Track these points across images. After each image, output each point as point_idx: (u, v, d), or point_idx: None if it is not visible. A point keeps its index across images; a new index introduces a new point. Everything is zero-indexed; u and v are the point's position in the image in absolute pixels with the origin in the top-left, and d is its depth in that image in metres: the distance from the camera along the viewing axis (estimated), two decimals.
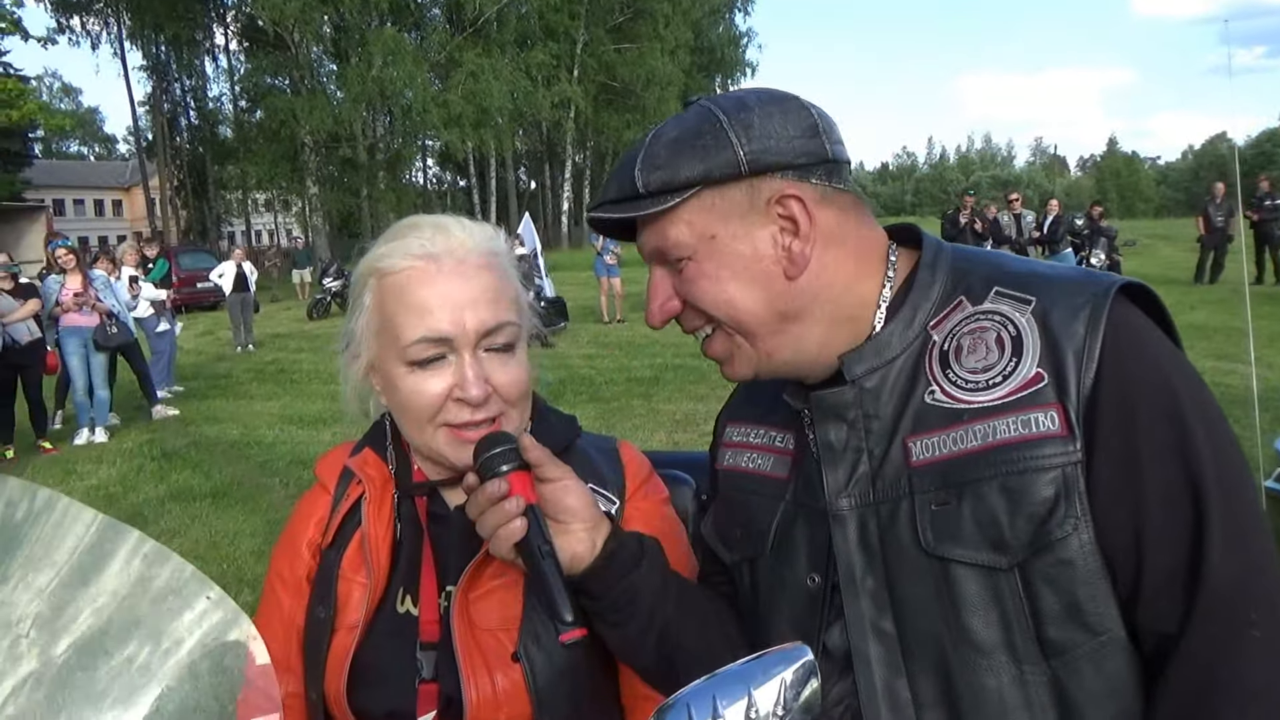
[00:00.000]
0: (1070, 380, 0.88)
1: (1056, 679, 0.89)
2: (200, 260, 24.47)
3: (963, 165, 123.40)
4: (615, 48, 43.31)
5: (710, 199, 0.96)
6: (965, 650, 0.91)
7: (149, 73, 43.11)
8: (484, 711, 1.11)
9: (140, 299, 10.78)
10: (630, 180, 0.97)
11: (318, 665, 1.19)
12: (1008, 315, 0.94)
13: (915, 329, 0.99)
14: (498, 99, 35.91)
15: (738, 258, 0.97)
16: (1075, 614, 0.88)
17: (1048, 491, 0.87)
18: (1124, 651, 0.89)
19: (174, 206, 45.39)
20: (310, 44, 36.75)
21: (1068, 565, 0.87)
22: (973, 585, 0.90)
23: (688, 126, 0.97)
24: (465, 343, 1.12)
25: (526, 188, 55.02)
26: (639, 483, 1.27)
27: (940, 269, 1.02)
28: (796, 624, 1.03)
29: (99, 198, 66.77)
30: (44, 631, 0.90)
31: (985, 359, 0.94)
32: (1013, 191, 16.01)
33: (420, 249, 1.14)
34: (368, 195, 38.14)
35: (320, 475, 1.32)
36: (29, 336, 8.68)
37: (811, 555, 1.03)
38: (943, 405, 0.94)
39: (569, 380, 11.09)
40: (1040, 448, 0.88)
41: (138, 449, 8.72)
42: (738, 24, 54.39)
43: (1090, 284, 0.93)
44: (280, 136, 36.18)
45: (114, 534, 0.95)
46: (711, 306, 0.99)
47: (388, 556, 1.20)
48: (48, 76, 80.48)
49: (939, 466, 0.93)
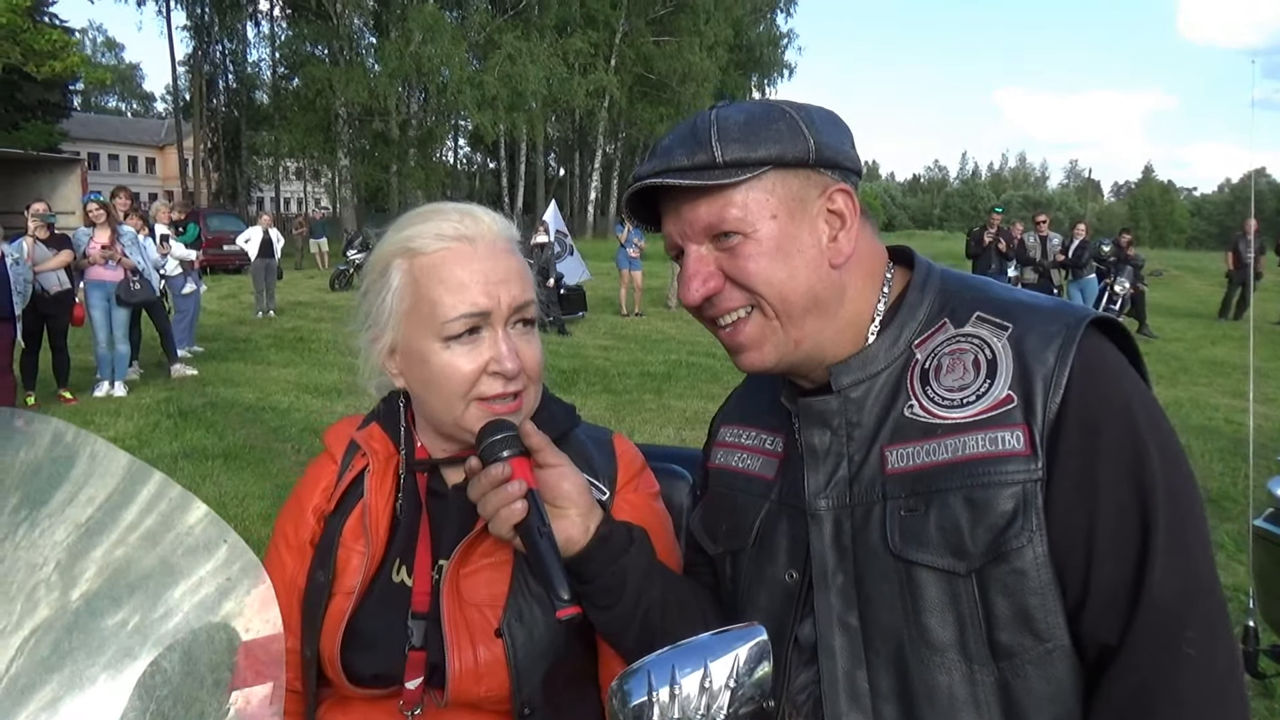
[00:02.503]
0: (1037, 403, 0.94)
1: (1004, 680, 0.95)
2: (228, 223, 24.66)
3: (995, 183, 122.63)
4: (654, 40, 43.28)
5: (774, 181, 1.01)
6: (921, 647, 0.97)
7: (191, 33, 43.48)
8: (465, 682, 1.17)
9: (170, 258, 10.92)
10: (707, 150, 1.00)
11: (314, 626, 1.24)
12: (985, 339, 1.00)
13: (901, 346, 1.05)
14: (533, 83, 35.99)
15: (792, 240, 1.02)
16: (1025, 621, 0.93)
17: (1007, 505, 0.93)
18: (1068, 659, 0.94)
19: (206, 168, 45.69)
20: (352, 15, 36.99)
21: (1021, 575, 0.93)
22: (933, 588, 0.96)
23: (756, 112, 1.03)
24: (499, 318, 1.18)
25: (555, 174, 55.04)
26: (630, 475, 1.32)
27: (929, 291, 1.07)
28: (772, 616, 1.08)
29: (133, 154, 67.31)
30: (64, 576, 0.92)
31: (962, 379, 1.00)
32: (1040, 213, 15.91)
33: (454, 231, 1.20)
34: (397, 171, 38.37)
35: (328, 444, 1.38)
36: (58, 287, 8.81)
37: (791, 552, 1.09)
38: (920, 419, 1.00)
39: (583, 370, 11.14)
40: (1004, 464, 0.94)
41: (155, 405, 8.84)
42: (779, 24, 54.25)
43: (1065, 315, 0.99)
44: (315, 106, 36.44)
45: (144, 477, 0.98)
46: (764, 284, 1.02)
47: (386, 528, 1.26)
48: (92, 30, 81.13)
49: (911, 475, 0.99)
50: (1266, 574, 2.42)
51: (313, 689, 1.28)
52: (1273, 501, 2.44)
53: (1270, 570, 2.41)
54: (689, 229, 1.04)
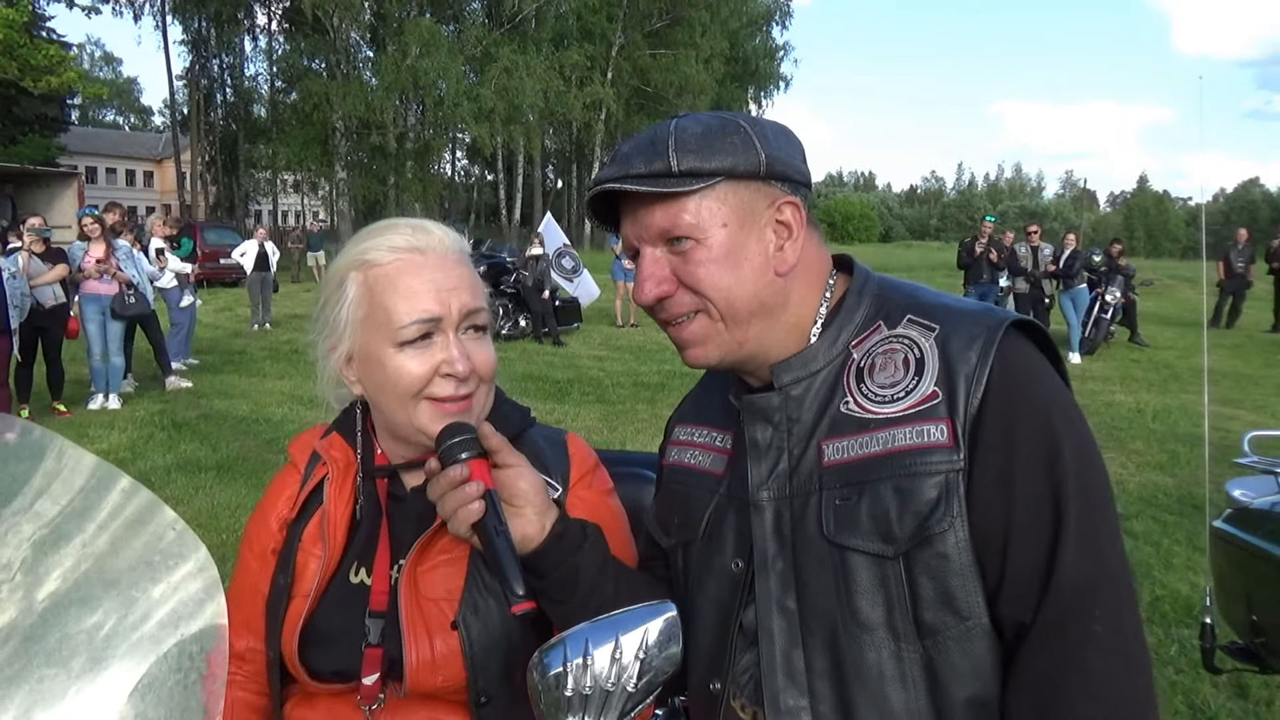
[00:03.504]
0: (960, 399, 1.01)
1: (928, 656, 1.01)
2: (225, 236, 24.77)
3: (991, 194, 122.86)
4: (650, 53, 43.49)
5: (726, 191, 1.07)
6: (853, 627, 1.03)
7: (189, 47, 43.73)
8: (422, 674, 1.22)
9: (166, 270, 10.98)
10: (663, 158, 1.05)
11: (276, 626, 1.30)
12: (914, 339, 1.07)
13: (839, 347, 1.12)
14: (530, 96, 36.16)
15: (741, 248, 1.08)
16: (948, 601, 1.00)
17: (932, 493, 1.00)
18: (987, 637, 1.01)
19: (204, 181, 45.83)
20: (349, 29, 37.14)
21: (944, 558, 1.00)
22: (864, 571, 1.03)
23: (711, 124, 1.08)
24: (450, 323, 1.24)
25: (553, 186, 55.18)
26: (583, 472, 1.38)
27: (866, 295, 1.14)
28: (719, 603, 1.15)
29: (131, 168, 67.41)
30: (29, 576, 0.92)
31: (893, 376, 1.06)
32: (1032, 223, 15.99)
33: (406, 243, 1.27)
34: (395, 183, 38.44)
35: (293, 454, 1.43)
36: (53, 300, 8.87)
37: (737, 543, 1.15)
38: (854, 414, 1.07)
39: (576, 380, 11.22)
40: (929, 455, 1.01)
41: (149, 418, 8.90)
42: (775, 37, 54.54)
43: (987, 318, 1.06)
44: (313, 119, 36.54)
45: (110, 480, 0.99)
46: (711, 289, 1.08)
47: (344, 533, 1.31)
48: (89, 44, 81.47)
49: (846, 467, 1.05)
50: (1224, 573, 2.48)
51: (277, 687, 1.33)
52: (1230, 504, 2.51)
53: (1227, 570, 2.47)
54: (645, 232, 1.10)
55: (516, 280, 14.88)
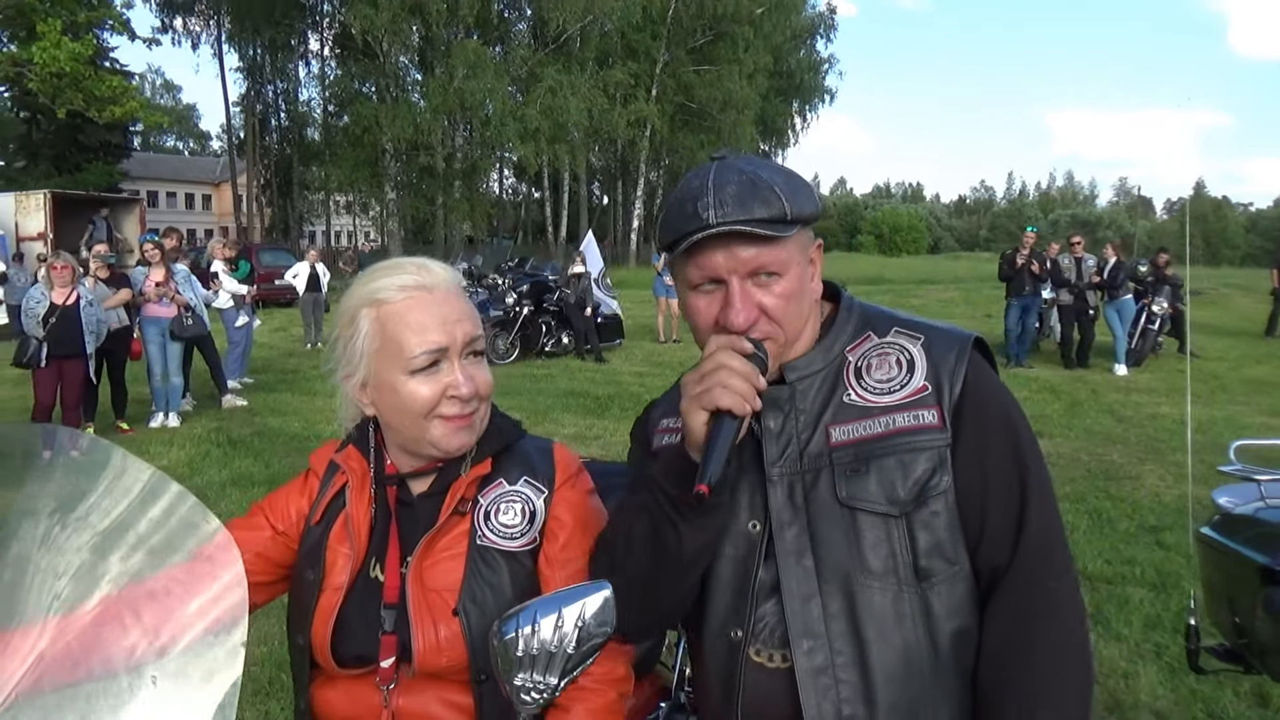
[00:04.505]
0: (945, 391, 1.29)
1: (924, 597, 1.26)
2: (279, 258, 25.39)
3: (1043, 202, 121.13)
4: (694, 69, 43.72)
5: (800, 234, 1.31)
6: (862, 575, 1.26)
7: (244, 74, 44.79)
8: (429, 656, 1.40)
9: (221, 292, 11.41)
10: (778, 206, 1.25)
11: (305, 617, 1.48)
12: (904, 345, 1.35)
13: (835, 352, 1.37)
14: (575, 115, 36.55)
15: (802, 281, 1.32)
16: (940, 550, 1.27)
17: (928, 464, 1.27)
18: (967, 580, 1.29)
19: (260, 204, 46.93)
20: (398, 54, 37.88)
21: (937, 515, 1.26)
22: (872, 529, 1.27)
23: (787, 175, 1.31)
24: (455, 351, 1.43)
25: (599, 203, 55.58)
26: (567, 476, 1.55)
27: (853, 314, 1.41)
28: (737, 561, 1.34)
29: (190, 192, 69.14)
30: (80, 583, 0.98)
31: (888, 373, 1.33)
32: (1075, 234, 15.85)
33: (414, 282, 1.45)
34: (443, 203, 39.09)
35: (313, 464, 1.63)
36: (117, 324, 9.32)
37: (751, 508, 1.34)
38: (857, 404, 1.32)
39: (616, 396, 11.39)
40: (924, 435, 1.28)
41: (206, 435, 9.27)
42: (819, 50, 54.51)
43: (958, 332, 1.37)
44: (363, 142, 37.26)
45: (163, 488, 1.09)
46: (785, 318, 1.30)
47: (366, 532, 1.50)
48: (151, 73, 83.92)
49: (853, 445, 1.30)
50: (1210, 578, 2.58)
51: (305, 670, 1.51)
52: (1216, 511, 2.61)
53: (1213, 574, 2.56)
54: (741, 266, 1.27)
55: (559, 298, 15.12)
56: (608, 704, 1.47)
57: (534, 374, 13.30)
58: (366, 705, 1.44)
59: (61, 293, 8.41)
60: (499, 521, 1.48)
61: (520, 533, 1.48)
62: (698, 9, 41.56)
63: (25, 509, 1.07)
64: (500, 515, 1.48)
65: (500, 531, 1.47)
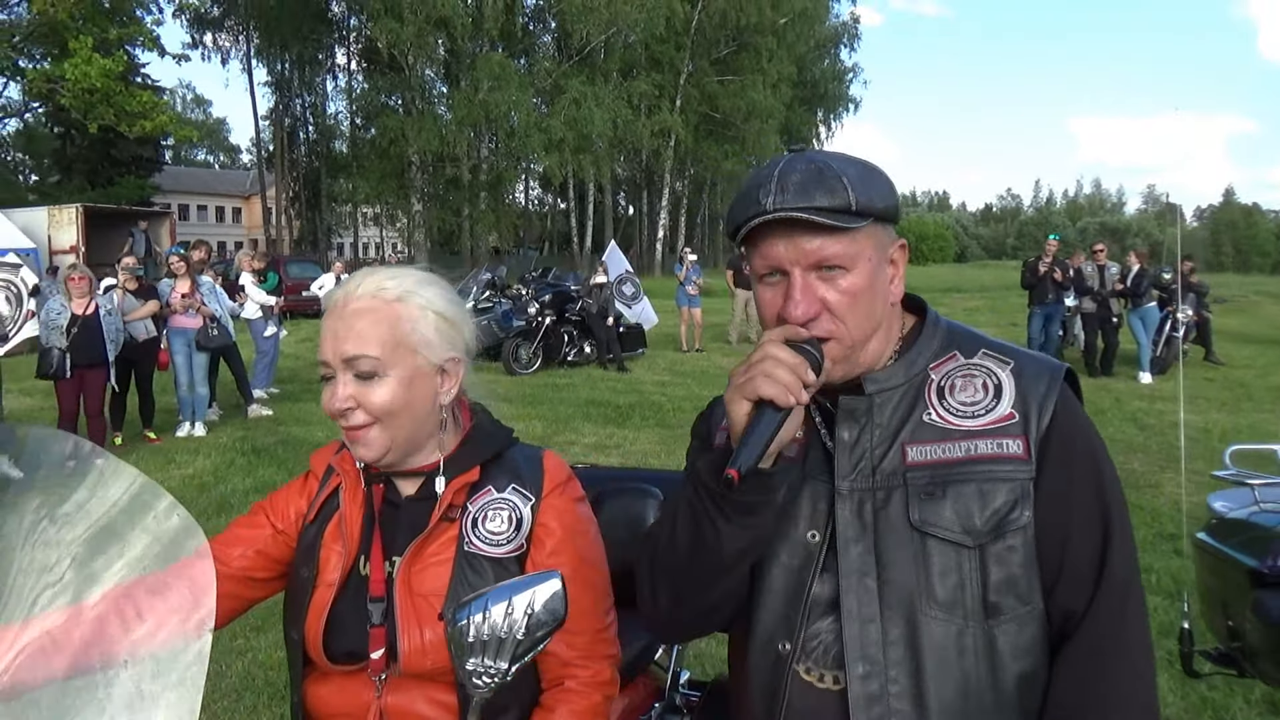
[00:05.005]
0: (1032, 421, 1.22)
1: (991, 634, 1.20)
2: (307, 270, 25.70)
3: (1070, 210, 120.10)
4: (718, 79, 43.81)
5: (874, 229, 1.24)
6: (928, 604, 1.20)
7: (273, 88, 45.45)
8: (414, 658, 1.44)
9: (248, 303, 11.59)
10: (843, 195, 1.18)
11: (300, 613, 1.52)
12: (992, 369, 1.28)
13: (917, 368, 1.30)
14: (599, 126, 36.81)
15: (876, 280, 1.25)
16: (1012, 586, 1.20)
17: (1008, 496, 1.20)
18: (1039, 621, 1.22)
19: (289, 216, 47.49)
20: (423, 67, 38.27)
21: (1013, 550, 1.20)
22: (942, 556, 1.20)
23: (866, 166, 1.25)
24: (338, 366, 1.45)
25: (625, 213, 55.72)
26: (555, 484, 1.57)
27: (939, 330, 1.35)
28: (791, 570, 1.29)
29: (220, 205, 70.05)
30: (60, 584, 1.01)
31: (973, 396, 1.26)
32: (1098, 242, 15.74)
33: (337, 294, 1.51)
34: (469, 214, 39.40)
35: (312, 464, 1.69)
36: (145, 335, 9.51)
37: (812, 518, 1.29)
38: (937, 424, 1.26)
39: (638, 405, 11.44)
40: (1007, 465, 1.21)
41: (231, 444, 9.40)
42: (843, 59, 54.51)
43: (1048, 362, 1.30)
44: (390, 154, 37.68)
45: (151, 496, 1.08)
46: (850, 316, 1.23)
47: (359, 530, 1.55)
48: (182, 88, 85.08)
49: (930, 466, 1.23)
50: (1205, 582, 2.59)
51: (299, 667, 1.56)
52: (1211, 515, 2.62)
53: (1207, 578, 2.57)
54: (803, 258, 1.21)
55: (581, 308, 15.21)
56: (592, 706, 1.51)
57: (556, 383, 13.37)
58: (357, 702, 1.49)
59: (80, 303, 8.59)
60: (486, 528, 1.50)
61: (507, 539, 1.50)
62: (721, 20, 41.71)
63: (9, 506, 1.09)
64: (487, 522, 1.51)
65: (487, 538, 1.50)
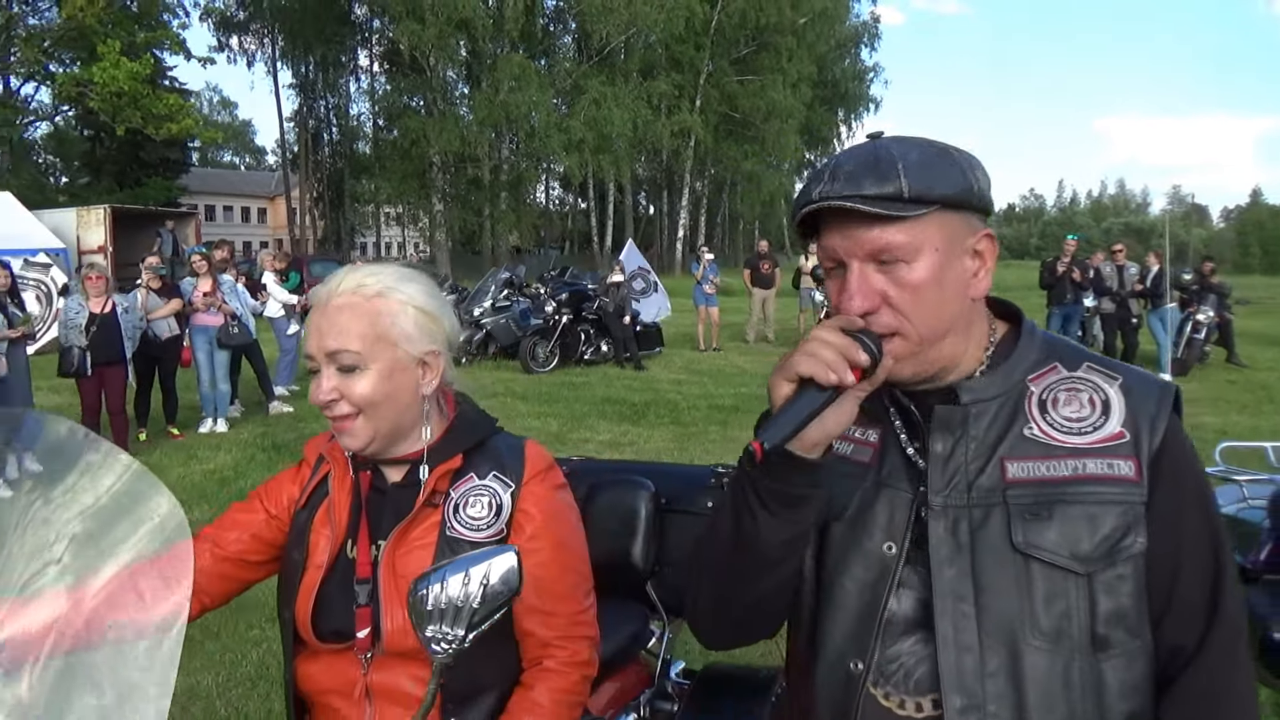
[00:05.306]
0: (1144, 441, 1.14)
1: (1098, 669, 1.12)
2: (329, 269, 25.55)
3: (1094, 210, 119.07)
4: (738, 79, 43.82)
5: (940, 218, 1.13)
6: (1031, 634, 1.11)
7: (297, 90, 45.95)
8: (397, 637, 1.50)
9: (270, 301, 11.76)
10: (894, 182, 1.10)
11: (291, 593, 1.60)
12: (1099, 384, 1.19)
13: (1015, 378, 1.21)
14: (619, 126, 36.92)
15: (946, 274, 1.14)
16: (1122, 619, 1.12)
17: (1119, 521, 1.11)
18: (1148, 657, 1.14)
19: (313, 216, 47.95)
20: (445, 68, 38.52)
21: (1124, 579, 1.11)
22: (1047, 582, 1.12)
23: (929, 152, 1.15)
24: (322, 360, 1.51)
25: (645, 213, 55.79)
26: (535, 471, 1.63)
27: (1036, 340, 1.26)
28: (866, 585, 1.21)
29: (246, 205, 70.63)
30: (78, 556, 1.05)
31: (1079, 412, 1.17)
32: (1118, 242, 15.68)
33: (320, 291, 1.57)
34: (490, 214, 39.61)
35: (306, 453, 1.76)
36: (169, 333, 9.67)
37: (889, 529, 1.21)
38: (1039, 439, 1.16)
39: (653, 403, 11.50)
40: (1117, 487, 1.12)
41: (252, 439, 9.55)
42: (864, 59, 54.34)
43: (1156, 380, 1.23)
44: (412, 155, 37.91)
45: (145, 485, 1.13)
46: (914, 311, 1.14)
47: (346, 516, 1.61)
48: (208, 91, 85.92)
49: (1033, 485, 1.14)
50: None
51: (289, 645, 1.63)
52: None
53: None
54: (859, 249, 1.14)
55: (598, 307, 15.29)
56: (571, 685, 1.58)
57: (573, 381, 13.46)
58: (345, 679, 1.57)
59: (98, 302, 8.73)
60: (467, 514, 1.56)
61: (487, 524, 1.55)
62: (740, 19, 41.73)
63: (8, 489, 1.16)
64: (468, 508, 1.57)
65: (468, 523, 1.55)
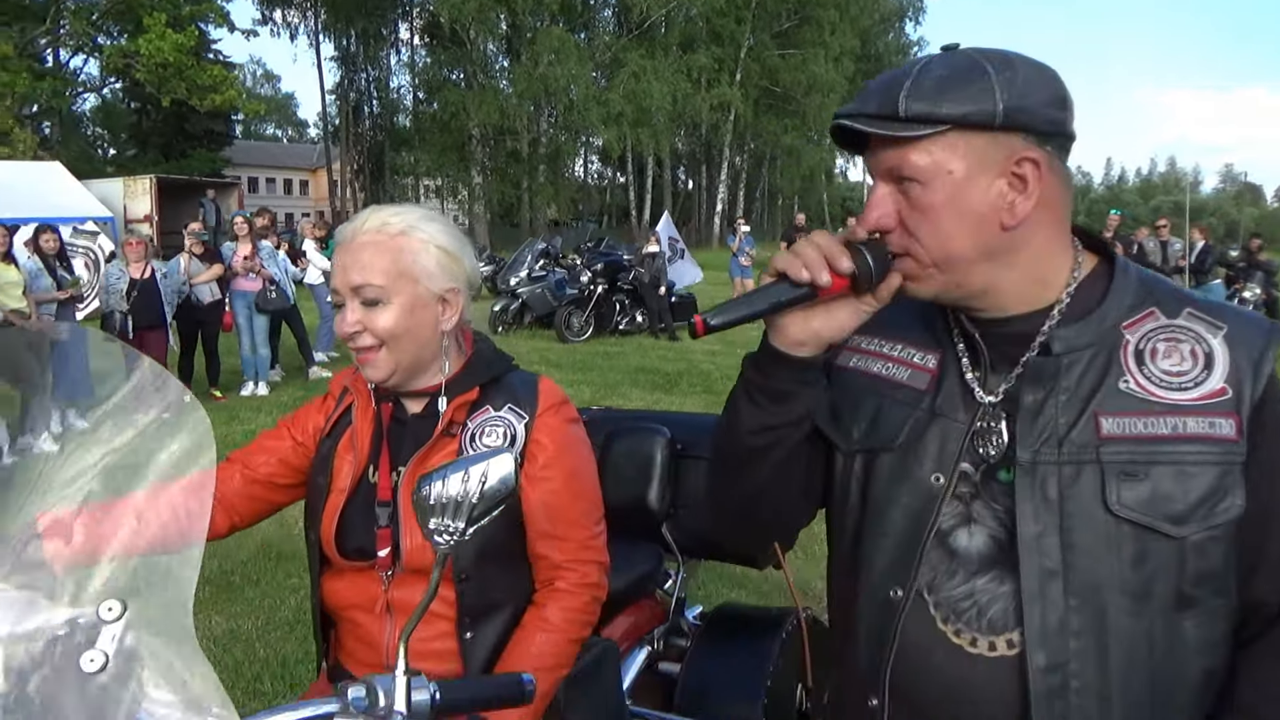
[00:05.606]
0: (1245, 396, 1.08)
1: (1180, 627, 1.10)
2: None
3: (1143, 189, 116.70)
4: (779, 53, 43.42)
5: (956, 139, 1.06)
6: (1118, 594, 1.09)
7: (339, 63, 46.27)
8: (415, 554, 1.59)
9: (310, 268, 11.98)
10: (894, 102, 1.06)
11: (316, 516, 1.70)
12: (1201, 334, 1.12)
13: (1108, 324, 1.14)
14: (658, 99, 36.80)
15: (965, 197, 1.07)
16: (1210, 579, 1.09)
17: (1215, 482, 1.07)
18: (1230, 616, 1.12)
19: (354, 188, 48.37)
20: (485, 41, 38.63)
21: (1217, 541, 1.08)
22: (1138, 543, 1.08)
23: (957, 68, 1.07)
24: (347, 294, 1.58)
25: (684, 187, 55.60)
26: (550, 404, 1.70)
27: (1130, 280, 1.17)
28: (912, 514, 1.19)
29: (288, 177, 71.02)
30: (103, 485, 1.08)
31: (1179, 365, 1.10)
32: (1162, 217, 15.42)
33: (346, 229, 1.66)
34: (528, 187, 39.75)
35: (331, 386, 1.85)
36: (210, 298, 9.89)
37: (939, 458, 1.18)
38: (1136, 394, 1.10)
39: (686, 373, 11.56)
40: (1219, 446, 1.07)
41: (292, 402, 9.65)
42: (909, 33, 53.53)
43: (1260, 323, 1.16)
44: (451, 127, 38.23)
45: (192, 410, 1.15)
46: (927, 235, 1.09)
47: (368, 444, 1.71)
48: (252, 64, 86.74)
49: (1129, 442, 1.09)
50: None
51: (316, 565, 1.73)
52: None
53: None
54: (876, 167, 1.13)
55: (634, 277, 15.34)
56: (581, 605, 1.67)
57: (607, 351, 13.54)
58: (367, 595, 1.66)
59: (137, 267, 8.94)
60: (483, 443, 1.63)
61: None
62: None
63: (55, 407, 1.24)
64: (484, 437, 1.64)
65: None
